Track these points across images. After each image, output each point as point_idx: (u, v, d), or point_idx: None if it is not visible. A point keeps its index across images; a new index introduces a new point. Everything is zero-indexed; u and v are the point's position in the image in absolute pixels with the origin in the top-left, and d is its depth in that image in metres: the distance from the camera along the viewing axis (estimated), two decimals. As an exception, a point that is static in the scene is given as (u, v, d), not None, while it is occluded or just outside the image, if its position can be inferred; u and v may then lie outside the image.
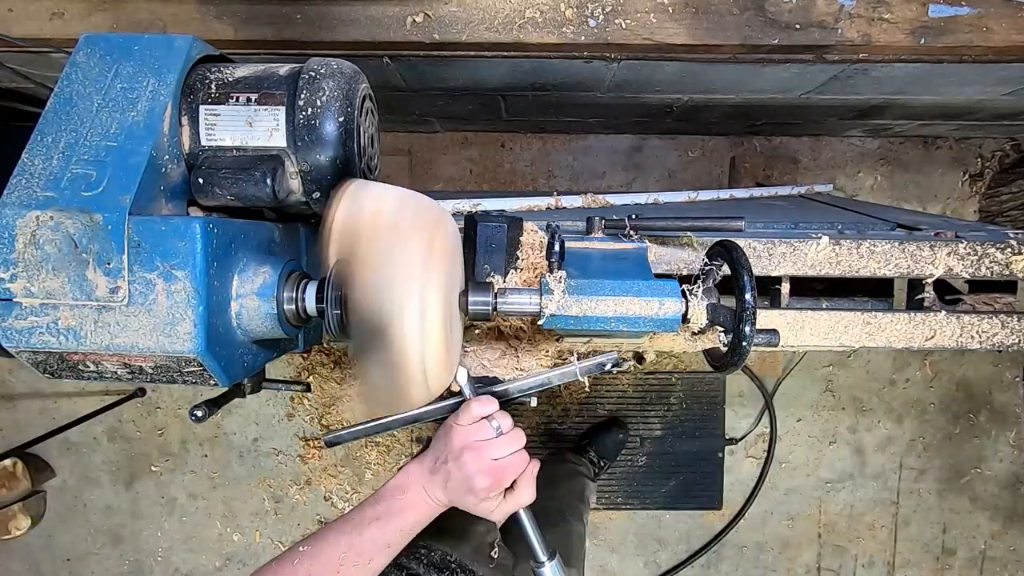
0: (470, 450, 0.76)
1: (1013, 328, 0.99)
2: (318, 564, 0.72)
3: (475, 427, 0.78)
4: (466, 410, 0.79)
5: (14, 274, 0.62)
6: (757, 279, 0.76)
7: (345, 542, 0.74)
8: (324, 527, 0.76)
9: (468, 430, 0.77)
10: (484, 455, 0.76)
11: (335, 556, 0.73)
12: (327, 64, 0.74)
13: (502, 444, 0.77)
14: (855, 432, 2.39)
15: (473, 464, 0.75)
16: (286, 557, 0.73)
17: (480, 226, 0.91)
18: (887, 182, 2.34)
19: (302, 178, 0.74)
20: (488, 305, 0.79)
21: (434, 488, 0.78)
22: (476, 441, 0.77)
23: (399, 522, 0.76)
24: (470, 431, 0.77)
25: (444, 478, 0.77)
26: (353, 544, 0.74)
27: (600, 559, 2.39)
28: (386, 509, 0.77)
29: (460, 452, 0.76)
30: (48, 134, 0.68)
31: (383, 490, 0.79)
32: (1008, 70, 1.41)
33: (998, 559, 2.42)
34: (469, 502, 0.78)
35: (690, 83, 1.59)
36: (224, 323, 0.69)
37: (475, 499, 0.77)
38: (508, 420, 0.80)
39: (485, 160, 2.32)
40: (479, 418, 0.79)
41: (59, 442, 2.29)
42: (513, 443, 0.78)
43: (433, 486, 0.78)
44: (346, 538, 0.74)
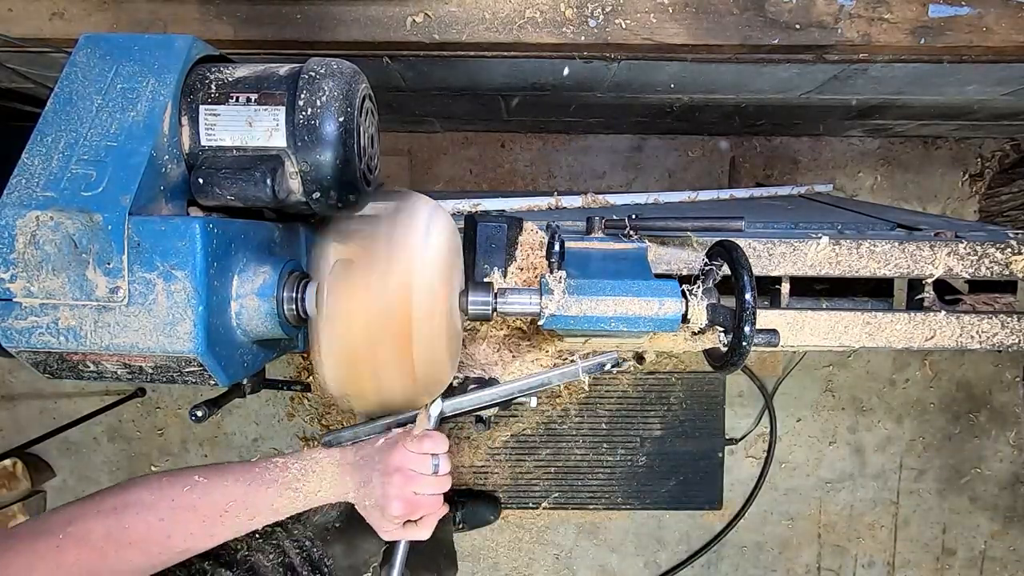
0: (402, 475, 0.78)
1: (1013, 328, 0.99)
2: (206, 501, 0.72)
3: (418, 457, 0.79)
4: (419, 439, 0.80)
5: (14, 274, 0.62)
6: (757, 279, 0.76)
7: (241, 491, 0.74)
8: (226, 466, 0.76)
9: (410, 457, 0.79)
10: (411, 486, 0.78)
11: (224, 500, 0.73)
12: (327, 64, 0.74)
13: (431, 483, 0.79)
14: (855, 432, 2.39)
15: (398, 489, 0.77)
16: (180, 477, 0.73)
17: (480, 226, 0.91)
18: (887, 182, 2.34)
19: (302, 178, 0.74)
20: (488, 305, 0.79)
21: (348, 481, 0.79)
22: (411, 470, 0.78)
23: (297, 495, 0.77)
24: (412, 459, 0.79)
25: (363, 480, 0.79)
26: (248, 496, 0.74)
27: (600, 559, 2.39)
28: (291, 477, 0.77)
29: (393, 471, 0.78)
30: (48, 134, 0.68)
31: (294, 458, 0.80)
32: (1008, 70, 1.41)
33: (998, 559, 2.42)
34: (373, 515, 0.80)
35: (690, 83, 1.59)
36: (224, 323, 0.69)
37: (380, 515, 0.79)
38: (448, 465, 0.82)
39: (485, 160, 2.32)
40: (425, 452, 0.80)
41: (59, 442, 2.29)
42: (440, 486, 0.81)
43: (349, 479, 0.79)
44: (243, 487, 0.74)
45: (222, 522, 0.72)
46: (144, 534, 0.68)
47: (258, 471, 0.76)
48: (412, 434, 0.81)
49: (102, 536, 0.66)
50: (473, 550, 2.35)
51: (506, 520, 2.35)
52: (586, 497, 2.33)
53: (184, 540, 0.71)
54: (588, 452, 2.32)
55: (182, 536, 0.71)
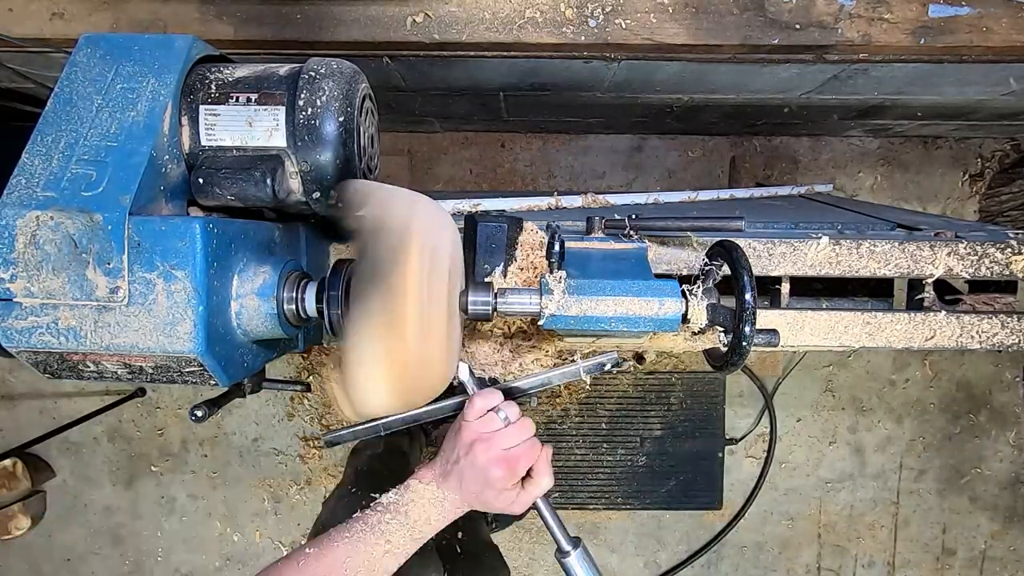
0: (480, 443, 0.76)
1: (1013, 328, 0.99)
2: (322, 566, 0.72)
3: (483, 420, 0.78)
4: (471, 405, 0.79)
5: (14, 274, 0.62)
6: (757, 279, 0.76)
7: (351, 546, 0.73)
8: (334, 529, 0.76)
9: (476, 424, 0.77)
10: (495, 446, 0.76)
11: (340, 560, 0.72)
12: (327, 64, 0.74)
13: (512, 433, 0.77)
14: (855, 432, 2.39)
15: (485, 456, 0.75)
16: (293, 557, 0.73)
17: (480, 226, 0.91)
18: (887, 182, 2.34)
19: (302, 178, 0.74)
20: (488, 305, 0.79)
21: (448, 490, 0.78)
22: (485, 433, 0.76)
23: (407, 525, 0.76)
24: (478, 425, 0.77)
25: (458, 478, 0.77)
26: (358, 547, 0.73)
27: (600, 559, 2.38)
28: (393, 515, 0.76)
29: (471, 447, 0.76)
30: (48, 134, 0.68)
31: (390, 494, 0.79)
32: (1008, 70, 1.41)
33: (998, 559, 2.42)
34: (488, 497, 0.77)
35: (690, 83, 1.59)
36: (224, 323, 0.69)
37: (493, 492, 0.76)
38: (515, 409, 0.79)
39: (485, 160, 2.32)
40: (485, 411, 0.78)
41: (59, 442, 2.29)
42: (523, 431, 0.78)
43: (447, 488, 0.78)
44: (351, 542, 0.74)
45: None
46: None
47: (360, 522, 0.76)
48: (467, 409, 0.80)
49: None
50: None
51: (506, 520, 2.35)
52: (586, 497, 2.33)
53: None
54: (588, 452, 2.32)
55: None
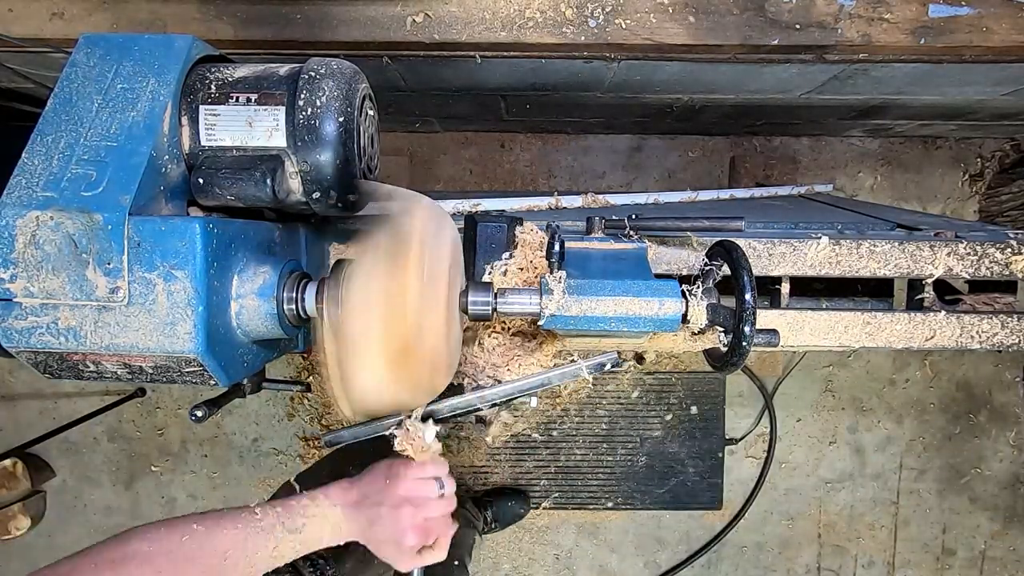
0: (411, 505, 0.77)
1: (1013, 328, 0.99)
2: (205, 551, 0.70)
3: (423, 483, 0.79)
4: (421, 466, 0.80)
5: (14, 274, 0.62)
6: (757, 279, 0.76)
7: (240, 539, 0.72)
8: (225, 513, 0.74)
9: (416, 484, 0.79)
10: (421, 513, 0.77)
11: (222, 549, 0.71)
12: (327, 64, 0.74)
13: (440, 506, 0.79)
14: (855, 432, 2.39)
15: (410, 519, 0.77)
16: (178, 527, 0.71)
17: (480, 226, 0.91)
18: (887, 182, 2.34)
19: (302, 178, 0.74)
20: (488, 305, 0.79)
21: (353, 522, 0.78)
22: (419, 497, 0.78)
23: (297, 541, 0.75)
24: (417, 486, 0.79)
25: (371, 519, 0.78)
26: (247, 543, 0.72)
27: (600, 559, 2.39)
28: (292, 524, 0.75)
29: (401, 503, 0.77)
30: (48, 134, 0.68)
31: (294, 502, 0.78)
32: (1008, 70, 1.41)
33: (998, 559, 2.42)
34: (387, 550, 0.79)
35: (690, 83, 1.59)
36: (224, 323, 0.69)
37: (395, 550, 0.78)
38: (452, 484, 0.81)
39: (485, 160, 2.32)
40: (430, 476, 0.80)
41: (59, 442, 2.29)
42: (448, 507, 0.80)
43: (353, 520, 0.78)
44: (242, 535, 0.72)
45: (222, 572, 0.71)
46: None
47: (257, 517, 0.75)
48: (411, 462, 0.80)
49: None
50: (473, 550, 2.35)
51: (506, 520, 2.35)
52: (586, 497, 2.33)
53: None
54: (588, 452, 2.32)
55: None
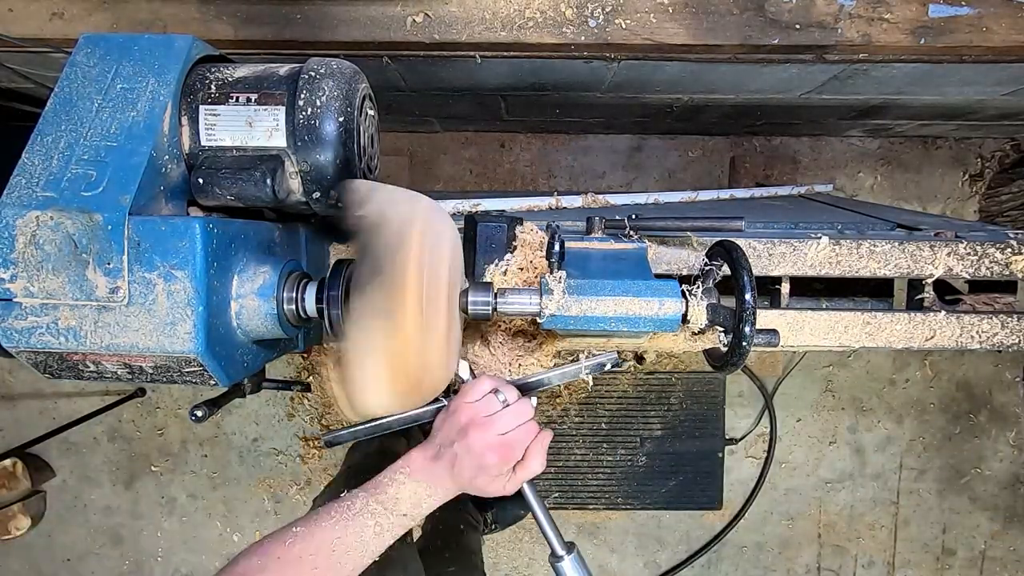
0: (476, 427, 0.74)
1: (1013, 328, 0.99)
2: (311, 546, 0.70)
3: (481, 402, 0.75)
4: (470, 387, 0.77)
5: (14, 274, 0.62)
6: (757, 279, 0.76)
7: (340, 529, 0.72)
8: (319, 511, 0.74)
9: (473, 406, 0.75)
10: (491, 430, 0.74)
11: (328, 540, 0.71)
12: (327, 64, 0.74)
13: (510, 416, 0.75)
14: (855, 432, 2.39)
15: (481, 441, 0.73)
16: (280, 535, 0.72)
17: (480, 226, 0.91)
18: (887, 182, 2.34)
19: (302, 178, 0.74)
20: (488, 305, 0.79)
21: (439, 474, 0.76)
22: (483, 416, 0.74)
23: (396, 510, 0.74)
24: (476, 407, 0.75)
25: (450, 461, 0.75)
26: (348, 530, 0.72)
27: (600, 559, 2.39)
28: (383, 497, 0.74)
29: (466, 429, 0.74)
30: (48, 134, 0.68)
31: (381, 477, 0.77)
32: (1008, 70, 1.41)
33: (998, 559, 2.42)
34: (480, 482, 0.75)
35: (690, 83, 1.59)
36: (224, 323, 0.69)
37: (487, 477, 0.75)
38: (514, 392, 0.77)
39: (485, 160, 2.32)
40: (484, 393, 0.76)
41: (59, 442, 2.29)
42: (522, 414, 0.76)
43: (438, 472, 0.76)
44: (341, 524, 0.72)
45: (335, 563, 0.71)
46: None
47: (350, 502, 0.74)
48: (461, 391, 0.78)
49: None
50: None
51: (506, 520, 2.35)
52: (586, 497, 2.33)
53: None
54: (588, 452, 2.32)
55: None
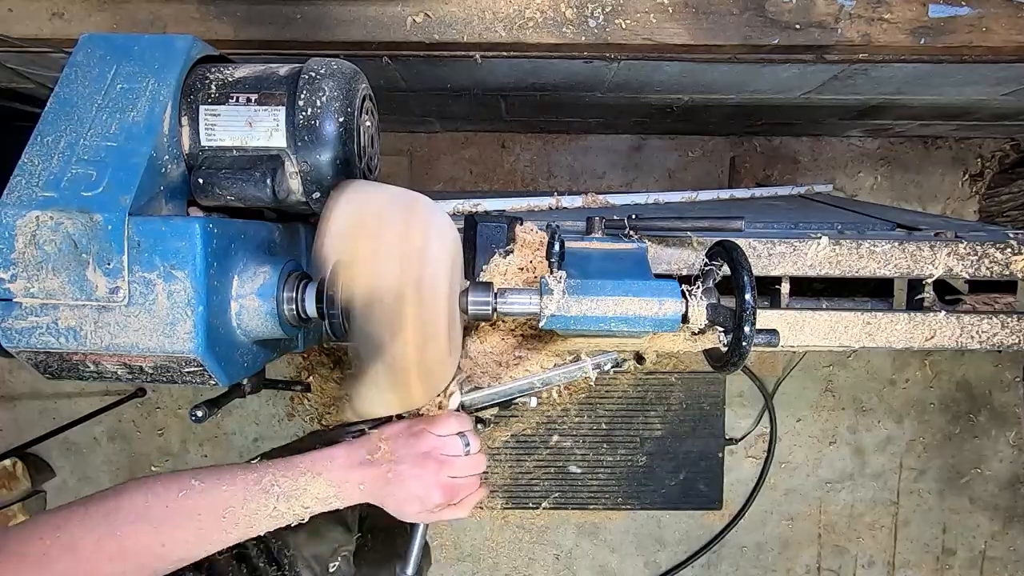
0: (435, 461, 0.74)
1: (1013, 328, 0.99)
2: (203, 506, 0.68)
3: (447, 439, 0.76)
4: (444, 420, 0.77)
5: (14, 274, 0.62)
6: (757, 279, 0.76)
7: (240, 497, 0.69)
8: (225, 469, 0.72)
9: (439, 439, 0.76)
10: (445, 471, 0.74)
11: (222, 507, 0.68)
12: (327, 64, 0.74)
13: (467, 465, 0.76)
14: (855, 432, 2.39)
15: (433, 476, 0.74)
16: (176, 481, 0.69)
17: (480, 226, 0.91)
18: (887, 182, 2.34)
19: (302, 178, 0.74)
20: (488, 305, 0.79)
21: (360, 481, 0.74)
22: (442, 454, 0.75)
23: (301, 501, 0.72)
24: (441, 441, 0.76)
25: (388, 477, 0.74)
26: (247, 502, 0.69)
27: (600, 559, 2.39)
28: (293, 483, 0.72)
29: (425, 459, 0.74)
30: (48, 134, 0.68)
31: (298, 462, 0.74)
32: (1008, 70, 1.41)
33: (998, 559, 2.42)
34: (408, 507, 0.75)
35: (690, 83, 1.59)
36: (224, 323, 0.69)
37: (417, 507, 0.75)
38: (478, 442, 0.78)
39: (485, 160, 2.32)
40: (452, 432, 0.77)
41: (59, 442, 2.29)
42: (476, 467, 0.77)
43: (364, 478, 0.74)
44: (242, 493, 0.69)
45: (221, 530, 0.68)
46: (135, 544, 0.65)
47: (257, 475, 0.71)
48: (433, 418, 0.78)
49: (91, 545, 0.63)
50: (473, 550, 2.36)
51: (506, 520, 2.35)
52: (586, 497, 2.33)
53: (179, 549, 0.67)
54: (588, 452, 2.32)
55: (177, 545, 0.67)
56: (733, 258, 0.78)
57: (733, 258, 0.78)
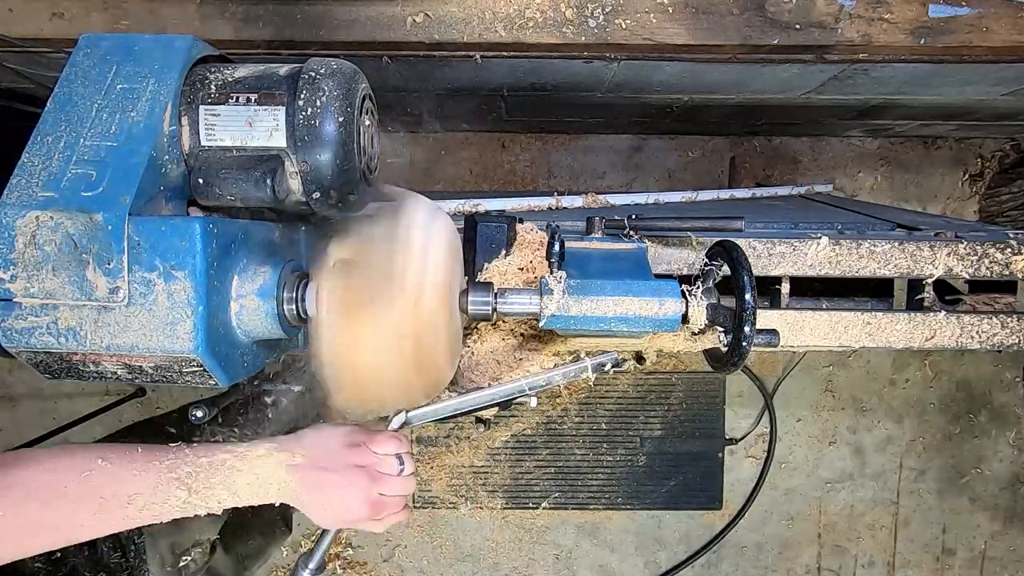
0: (368, 477, 0.73)
1: (1013, 328, 0.99)
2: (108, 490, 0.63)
3: (383, 458, 0.75)
4: (384, 439, 0.77)
5: (14, 274, 0.62)
6: (757, 279, 0.76)
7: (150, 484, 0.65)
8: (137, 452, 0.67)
9: (376, 456, 0.75)
10: (377, 488, 0.74)
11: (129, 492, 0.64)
12: (327, 64, 0.74)
13: (397, 485, 0.76)
14: (855, 432, 2.39)
15: (364, 491, 0.73)
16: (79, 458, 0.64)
17: (480, 226, 0.91)
18: (887, 182, 2.34)
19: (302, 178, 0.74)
20: (488, 305, 0.79)
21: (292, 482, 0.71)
22: (377, 471, 0.74)
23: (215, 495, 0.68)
24: (378, 459, 0.75)
25: (317, 483, 0.72)
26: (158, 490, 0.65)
27: (600, 559, 2.39)
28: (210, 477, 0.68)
29: (357, 473, 0.73)
30: (48, 134, 0.68)
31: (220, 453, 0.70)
32: (1008, 70, 1.41)
33: (998, 559, 2.42)
34: (328, 514, 0.73)
35: (690, 83, 1.59)
36: (224, 323, 0.69)
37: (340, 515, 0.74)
38: (412, 465, 0.78)
39: (485, 160, 2.32)
40: (390, 453, 0.76)
41: (59, 442, 2.29)
42: (406, 489, 0.77)
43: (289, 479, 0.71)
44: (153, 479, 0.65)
45: (123, 516, 0.64)
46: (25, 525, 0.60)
47: (172, 461, 0.66)
48: (373, 433, 0.77)
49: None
50: (473, 550, 2.36)
51: (506, 520, 2.35)
52: (586, 497, 2.33)
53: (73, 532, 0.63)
54: (588, 452, 2.32)
55: (71, 528, 0.62)
56: (733, 258, 0.78)
57: (733, 258, 0.78)
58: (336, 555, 2.35)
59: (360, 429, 0.78)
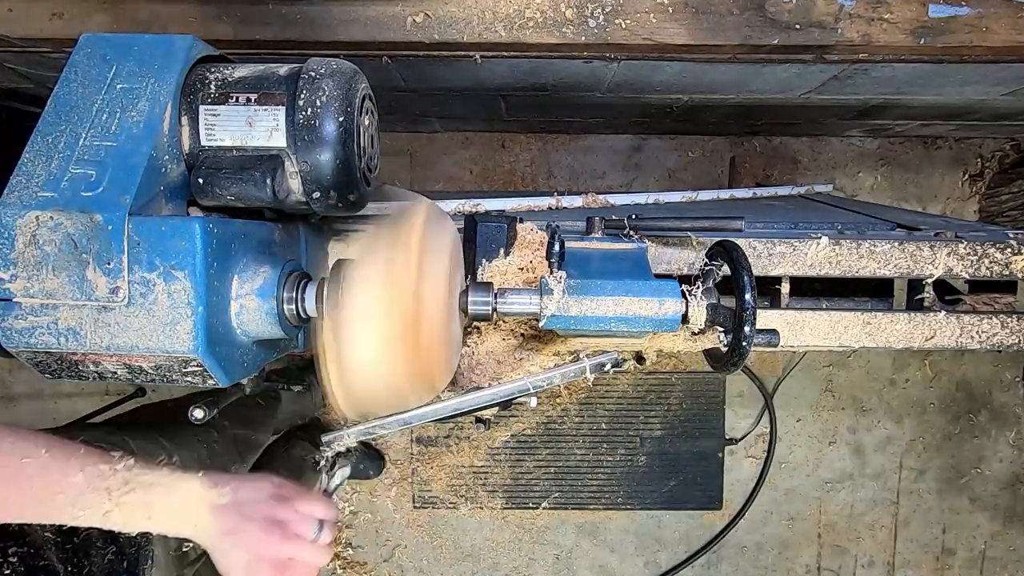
0: (281, 536, 0.72)
1: (1013, 328, 0.99)
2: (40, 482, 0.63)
3: (304, 518, 0.74)
4: (312, 500, 0.75)
5: (14, 274, 0.62)
6: (757, 279, 0.76)
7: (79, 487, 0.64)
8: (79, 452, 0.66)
9: (297, 515, 0.74)
10: (286, 549, 0.72)
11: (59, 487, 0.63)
12: (327, 64, 0.74)
13: (309, 552, 0.74)
14: (855, 432, 2.39)
15: (273, 549, 0.71)
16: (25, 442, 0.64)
17: (480, 226, 0.91)
18: (887, 182, 2.34)
19: (302, 178, 0.74)
20: (488, 305, 0.79)
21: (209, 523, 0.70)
22: (292, 532, 0.73)
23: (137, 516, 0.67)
24: (297, 519, 0.74)
25: (231, 527, 0.71)
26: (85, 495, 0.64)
27: (600, 559, 2.39)
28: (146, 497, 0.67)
29: (271, 527, 0.71)
30: (48, 134, 0.68)
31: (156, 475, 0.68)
32: (1008, 70, 1.41)
33: (998, 559, 2.42)
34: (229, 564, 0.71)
35: (690, 83, 1.59)
36: (224, 323, 0.69)
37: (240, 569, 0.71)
38: (330, 535, 0.76)
39: (485, 160, 2.32)
40: (313, 516, 0.75)
41: (59, 442, 2.29)
42: (318, 556, 0.75)
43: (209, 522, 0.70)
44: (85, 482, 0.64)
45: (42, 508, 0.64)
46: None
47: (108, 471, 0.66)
48: (303, 491, 0.76)
49: None
50: (473, 550, 2.35)
51: (506, 520, 2.35)
52: (586, 497, 2.33)
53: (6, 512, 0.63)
54: (588, 452, 2.32)
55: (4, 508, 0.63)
56: (733, 258, 0.78)
57: (733, 258, 0.78)
58: (336, 555, 2.35)
59: (292, 485, 0.76)
